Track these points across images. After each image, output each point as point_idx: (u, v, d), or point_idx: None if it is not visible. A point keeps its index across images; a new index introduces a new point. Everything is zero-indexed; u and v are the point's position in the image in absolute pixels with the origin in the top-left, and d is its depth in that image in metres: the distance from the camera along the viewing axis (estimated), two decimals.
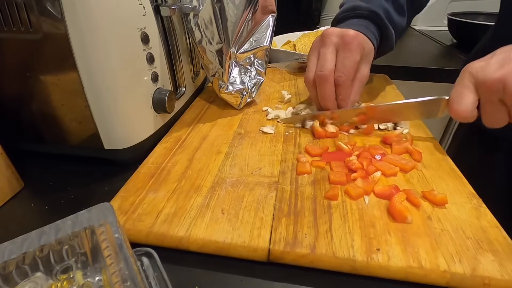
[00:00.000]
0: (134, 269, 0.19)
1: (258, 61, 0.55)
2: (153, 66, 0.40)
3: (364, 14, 0.50)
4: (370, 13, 0.50)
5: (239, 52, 0.52)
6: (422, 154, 0.39)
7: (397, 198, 0.31)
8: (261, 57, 0.55)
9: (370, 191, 0.33)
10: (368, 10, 0.50)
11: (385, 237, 0.28)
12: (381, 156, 0.38)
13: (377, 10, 0.49)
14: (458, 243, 0.27)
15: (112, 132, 0.39)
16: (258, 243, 0.28)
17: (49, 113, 0.39)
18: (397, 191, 0.32)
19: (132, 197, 0.33)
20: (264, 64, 0.55)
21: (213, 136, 0.45)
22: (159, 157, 0.40)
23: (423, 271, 0.25)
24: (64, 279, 0.21)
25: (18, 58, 0.36)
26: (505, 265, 0.25)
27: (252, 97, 0.54)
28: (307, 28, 0.91)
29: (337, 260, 0.26)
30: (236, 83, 0.51)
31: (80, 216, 0.22)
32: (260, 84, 0.55)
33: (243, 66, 0.54)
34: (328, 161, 0.38)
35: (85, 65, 0.34)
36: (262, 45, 0.54)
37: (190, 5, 0.42)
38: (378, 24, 0.50)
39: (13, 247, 0.20)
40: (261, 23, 0.55)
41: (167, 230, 0.29)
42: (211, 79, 0.49)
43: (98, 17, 0.33)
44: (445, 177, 0.36)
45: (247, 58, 0.54)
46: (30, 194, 0.38)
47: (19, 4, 0.32)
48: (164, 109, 0.42)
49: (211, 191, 0.34)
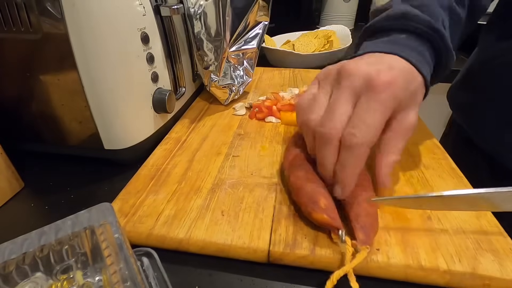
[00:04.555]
0: (134, 269, 0.19)
1: (247, 61, 0.58)
2: (153, 66, 0.40)
3: (421, 30, 0.32)
4: (430, 30, 0.32)
5: (231, 50, 0.53)
6: (422, 154, 0.39)
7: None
8: (251, 58, 0.58)
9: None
10: (426, 25, 0.32)
11: (385, 238, 0.28)
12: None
13: (439, 27, 0.32)
14: (458, 243, 0.27)
15: (112, 132, 0.39)
16: (258, 244, 0.28)
17: (49, 113, 0.39)
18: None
19: (133, 199, 0.33)
20: (253, 65, 0.58)
21: (213, 137, 0.45)
22: (159, 159, 0.40)
23: (422, 271, 0.25)
24: (64, 279, 0.21)
25: (18, 58, 0.36)
26: (505, 265, 0.25)
27: (239, 94, 0.56)
28: (307, 28, 0.91)
29: (337, 261, 0.26)
30: (226, 78, 0.53)
31: (80, 216, 0.22)
32: (247, 83, 0.57)
33: (232, 63, 0.55)
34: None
35: (85, 65, 0.34)
36: (253, 46, 0.57)
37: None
38: (437, 47, 0.33)
39: (13, 247, 0.20)
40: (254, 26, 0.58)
41: (167, 232, 0.29)
42: (203, 72, 0.50)
43: (98, 17, 0.33)
44: (445, 176, 0.36)
45: (236, 56, 0.56)
46: (30, 194, 0.38)
47: (19, 4, 0.32)
48: (164, 109, 0.42)
49: (211, 193, 0.34)
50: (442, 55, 0.33)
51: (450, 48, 0.33)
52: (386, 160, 0.29)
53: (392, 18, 0.34)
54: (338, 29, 0.88)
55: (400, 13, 0.33)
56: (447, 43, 0.32)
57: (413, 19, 0.32)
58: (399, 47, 0.31)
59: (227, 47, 0.48)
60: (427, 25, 0.32)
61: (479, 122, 0.52)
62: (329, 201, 0.28)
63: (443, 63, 0.34)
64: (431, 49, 0.33)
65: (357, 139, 0.27)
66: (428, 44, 0.33)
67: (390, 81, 0.27)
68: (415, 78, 0.30)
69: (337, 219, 0.27)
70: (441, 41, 0.32)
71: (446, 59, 0.33)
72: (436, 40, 0.32)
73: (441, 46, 0.33)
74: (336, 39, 0.83)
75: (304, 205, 0.29)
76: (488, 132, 0.50)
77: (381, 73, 0.27)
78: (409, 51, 0.31)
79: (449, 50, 0.33)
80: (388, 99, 0.27)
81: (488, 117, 0.50)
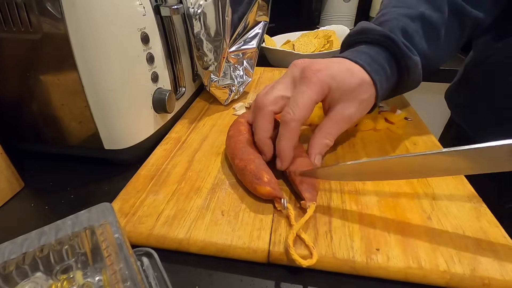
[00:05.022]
0: (134, 269, 0.19)
1: (246, 61, 0.58)
2: (153, 66, 0.40)
3: (376, 39, 0.37)
4: (381, 37, 0.37)
5: (230, 50, 0.54)
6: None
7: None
8: (250, 58, 0.58)
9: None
10: (380, 34, 0.37)
11: (385, 238, 0.28)
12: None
13: (390, 35, 0.36)
14: (457, 243, 0.27)
15: (112, 132, 0.39)
16: (258, 244, 0.28)
17: (49, 113, 0.39)
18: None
19: (133, 199, 0.33)
20: (253, 65, 0.58)
21: (213, 137, 0.44)
22: (159, 159, 0.40)
23: (422, 271, 0.25)
24: (64, 279, 0.21)
25: (18, 58, 0.36)
26: (505, 265, 0.25)
27: (239, 94, 0.56)
28: (307, 28, 0.92)
29: (336, 261, 0.26)
30: (226, 78, 0.53)
31: (80, 216, 0.22)
32: (247, 83, 0.57)
33: (232, 63, 0.55)
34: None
35: (85, 65, 0.34)
36: (252, 46, 0.57)
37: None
38: (392, 52, 0.37)
39: (13, 247, 0.20)
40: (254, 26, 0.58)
41: (167, 232, 0.29)
42: (203, 72, 0.50)
43: (98, 17, 0.33)
44: (445, 176, 0.36)
45: (236, 56, 0.56)
46: (30, 194, 0.38)
47: (19, 4, 0.32)
48: (164, 109, 0.42)
49: (211, 193, 0.34)
50: (400, 59, 0.37)
51: (405, 52, 0.36)
52: (318, 141, 0.35)
53: (354, 34, 0.40)
54: (338, 29, 0.88)
55: (359, 29, 0.39)
56: (400, 47, 0.36)
57: (369, 32, 0.38)
58: (352, 53, 0.36)
59: (227, 47, 0.49)
60: (380, 35, 0.37)
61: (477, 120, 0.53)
62: (271, 175, 0.32)
63: (403, 66, 0.37)
64: (388, 55, 0.37)
65: (289, 116, 0.32)
66: (384, 50, 0.37)
67: (320, 68, 0.33)
68: (356, 74, 0.34)
69: (279, 190, 0.31)
70: (395, 45, 0.36)
71: (404, 62, 0.37)
72: (390, 45, 0.36)
73: (396, 50, 0.36)
74: (336, 39, 0.83)
75: (249, 182, 0.32)
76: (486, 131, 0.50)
77: (315, 64, 0.34)
78: (361, 55, 0.36)
79: (404, 53, 0.36)
80: (316, 83, 0.33)
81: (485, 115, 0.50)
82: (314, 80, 0.33)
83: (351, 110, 0.34)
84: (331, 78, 0.33)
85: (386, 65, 0.36)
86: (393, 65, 0.37)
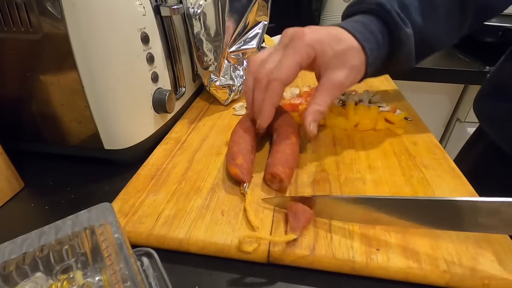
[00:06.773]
0: (134, 269, 0.19)
1: (247, 61, 0.58)
2: (153, 66, 0.40)
3: (371, 8, 0.38)
4: (377, 6, 0.37)
5: (230, 50, 0.54)
6: (422, 154, 0.39)
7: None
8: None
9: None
10: (375, 3, 0.37)
11: (385, 238, 0.28)
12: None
13: (385, 5, 0.37)
14: (457, 243, 0.27)
15: (112, 132, 0.39)
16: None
17: (49, 113, 0.39)
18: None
19: (133, 199, 0.33)
20: None
21: (213, 137, 0.44)
22: (159, 159, 0.40)
23: (422, 271, 0.25)
24: (64, 279, 0.21)
25: (18, 58, 0.36)
26: (505, 265, 0.25)
27: (239, 94, 0.55)
28: None
29: (336, 261, 0.26)
30: (226, 78, 0.53)
31: (80, 216, 0.22)
32: None
33: (232, 63, 0.55)
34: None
35: (85, 65, 0.34)
36: (252, 46, 0.57)
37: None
38: (386, 21, 0.37)
39: (13, 247, 0.20)
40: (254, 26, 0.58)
41: (167, 232, 0.29)
42: (203, 72, 0.50)
43: (98, 17, 0.33)
44: (445, 176, 0.36)
45: (236, 56, 0.56)
46: (30, 194, 0.38)
47: (19, 4, 0.32)
48: (164, 109, 0.42)
49: (211, 193, 0.34)
50: (394, 29, 0.37)
51: (398, 22, 0.36)
52: (311, 109, 0.35)
53: (352, 4, 0.41)
54: None
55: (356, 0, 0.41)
56: (394, 17, 0.36)
57: (366, 1, 0.39)
58: (347, 23, 0.37)
59: (227, 47, 0.49)
60: (375, 4, 0.38)
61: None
62: (246, 161, 0.34)
63: (395, 37, 0.37)
64: (382, 24, 0.37)
65: (273, 76, 0.34)
66: (378, 19, 0.37)
67: (307, 32, 0.34)
68: (344, 40, 0.35)
69: (245, 175, 0.33)
70: (389, 15, 0.37)
71: (396, 32, 0.37)
72: (384, 15, 0.37)
73: (390, 20, 0.37)
74: None
75: (227, 161, 0.35)
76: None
77: (304, 29, 0.35)
78: (354, 24, 0.37)
79: (397, 24, 0.36)
80: (301, 46, 0.34)
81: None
82: (299, 43, 0.34)
83: (341, 76, 0.35)
84: (318, 41, 0.34)
85: (378, 34, 0.37)
86: (386, 35, 0.37)
